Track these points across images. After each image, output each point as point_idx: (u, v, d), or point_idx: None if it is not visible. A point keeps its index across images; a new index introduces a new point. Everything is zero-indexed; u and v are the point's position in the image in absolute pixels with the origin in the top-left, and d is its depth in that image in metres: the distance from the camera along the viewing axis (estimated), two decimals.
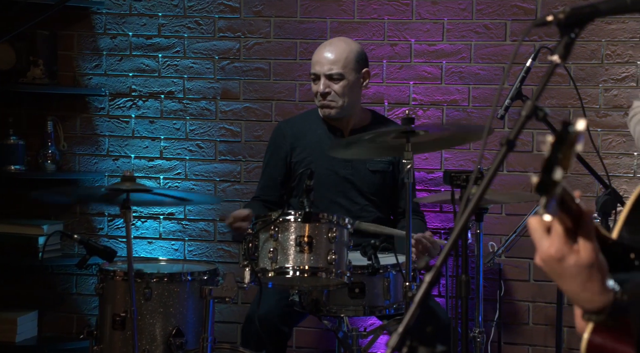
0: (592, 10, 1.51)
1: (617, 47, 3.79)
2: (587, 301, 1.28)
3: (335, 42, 3.44)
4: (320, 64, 3.38)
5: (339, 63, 3.36)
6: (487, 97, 3.91)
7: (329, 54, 3.37)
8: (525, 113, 1.51)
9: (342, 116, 3.41)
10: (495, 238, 3.78)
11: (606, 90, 3.80)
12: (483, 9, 3.90)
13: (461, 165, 3.90)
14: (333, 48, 3.39)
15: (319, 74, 3.38)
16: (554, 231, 1.27)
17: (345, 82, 3.37)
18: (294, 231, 2.76)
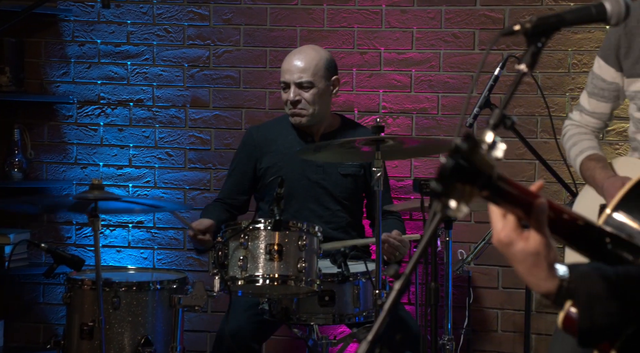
0: (558, 19, 1.52)
1: (583, 56, 3.84)
2: (534, 285, 1.35)
3: (305, 50, 3.45)
4: (289, 73, 3.38)
5: (308, 71, 3.37)
6: (456, 105, 3.93)
7: (298, 63, 3.38)
8: (493, 121, 1.52)
9: (312, 123, 3.42)
10: (464, 245, 3.80)
11: (573, 99, 3.84)
12: (452, 18, 3.93)
13: (431, 173, 3.92)
14: (302, 56, 3.40)
15: (288, 83, 3.38)
16: (508, 217, 1.34)
17: (315, 90, 3.37)
18: (264, 240, 2.75)
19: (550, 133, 3.59)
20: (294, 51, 3.46)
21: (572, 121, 2.83)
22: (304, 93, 3.36)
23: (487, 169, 1.28)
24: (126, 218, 4.12)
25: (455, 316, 3.80)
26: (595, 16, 1.54)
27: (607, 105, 2.73)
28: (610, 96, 2.71)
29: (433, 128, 3.95)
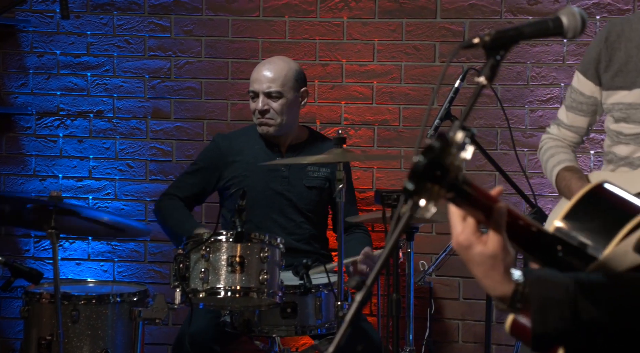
0: (517, 33, 1.55)
1: (541, 69, 3.89)
2: (490, 288, 1.37)
3: (274, 61, 3.45)
4: (259, 82, 3.38)
5: (277, 81, 3.37)
6: (418, 117, 3.96)
7: (268, 73, 3.38)
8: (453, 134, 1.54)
9: (280, 134, 3.42)
10: (425, 256, 3.82)
11: (532, 111, 3.89)
12: (412, 31, 3.96)
13: (392, 184, 3.94)
14: (272, 66, 3.40)
15: (257, 92, 3.38)
16: (467, 220, 1.37)
17: (284, 101, 3.38)
18: (226, 251, 2.74)
19: (510, 145, 3.63)
20: (264, 61, 3.47)
21: (549, 135, 2.88)
22: (272, 103, 3.36)
23: (455, 170, 1.29)
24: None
25: (417, 327, 3.81)
26: (553, 30, 1.57)
27: (585, 119, 2.78)
28: (588, 110, 2.76)
29: (395, 140, 3.98)
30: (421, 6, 3.94)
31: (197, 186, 3.46)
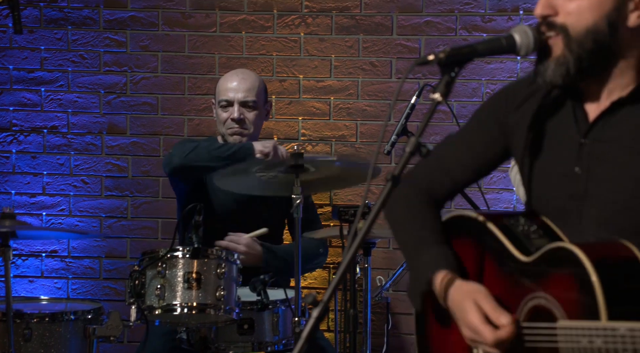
0: (471, 50, 1.57)
1: (496, 86, 3.94)
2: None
3: (245, 71, 3.45)
4: (234, 91, 3.35)
5: (253, 91, 3.36)
6: (375, 132, 3.98)
7: (243, 82, 3.37)
8: (409, 149, 1.55)
9: None
10: (382, 272, 3.83)
11: None
12: (369, 47, 3.99)
13: (350, 200, 3.95)
14: (246, 76, 3.39)
15: (232, 100, 3.35)
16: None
17: (257, 112, 3.37)
18: (182, 268, 2.72)
19: None
20: (232, 72, 3.44)
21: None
22: (247, 113, 3.35)
23: None
24: (39, 247, 4.02)
25: (374, 342, 3.82)
26: (506, 47, 1.59)
27: None
28: None
29: (352, 156, 3.99)
30: (377, 23, 3.98)
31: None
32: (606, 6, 1.54)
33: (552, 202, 1.63)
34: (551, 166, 1.64)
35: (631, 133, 1.57)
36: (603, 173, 1.58)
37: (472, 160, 1.77)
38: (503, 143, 1.74)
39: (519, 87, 1.75)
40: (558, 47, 1.57)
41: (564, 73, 1.57)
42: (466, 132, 1.80)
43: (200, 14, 4.04)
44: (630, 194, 1.55)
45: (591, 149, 1.59)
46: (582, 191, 1.59)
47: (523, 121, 1.71)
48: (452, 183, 1.79)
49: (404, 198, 1.78)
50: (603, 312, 1.40)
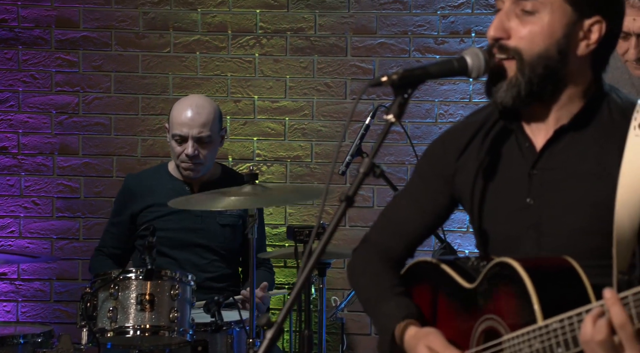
0: (423, 72, 1.58)
1: (449, 107, 3.99)
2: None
3: (199, 103, 3.35)
4: (188, 126, 3.29)
5: (208, 125, 3.30)
6: (330, 153, 3.99)
7: (197, 116, 3.29)
8: (363, 170, 1.56)
9: (201, 175, 3.39)
10: (337, 292, 3.83)
11: None
12: (324, 68, 4.01)
13: (305, 220, 3.95)
14: (200, 109, 3.31)
15: (186, 136, 3.30)
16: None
17: (213, 145, 3.35)
18: (135, 289, 2.69)
19: None
20: (187, 103, 3.35)
21: None
22: (201, 148, 3.30)
23: None
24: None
25: None
26: (458, 69, 1.61)
27: None
28: None
29: (307, 176, 4.00)
30: (332, 44, 4.00)
31: (119, 234, 3.42)
32: (557, 33, 1.56)
33: (508, 237, 1.64)
34: (503, 202, 1.65)
35: (576, 159, 1.59)
36: (554, 201, 1.60)
37: (420, 217, 1.79)
38: (449, 194, 1.75)
39: (456, 133, 1.77)
40: (511, 69, 1.60)
41: (515, 95, 1.59)
42: (411, 189, 1.81)
43: (153, 34, 4.02)
44: (583, 220, 1.57)
45: (541, 179, 1.61)
46: (536, 221, 1.61)
47: (466, 165, 1.72)
48: (405, 242, 1.80)
49: (363, 262, 1.81)
50: (539, 315, 1.43)
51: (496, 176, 1.67)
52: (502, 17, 1.60)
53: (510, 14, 1.59)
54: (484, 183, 1.68)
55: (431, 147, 1.81)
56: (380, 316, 1.71)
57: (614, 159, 1.55)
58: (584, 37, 1.59)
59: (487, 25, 3.99)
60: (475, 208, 1.70)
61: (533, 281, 1.45)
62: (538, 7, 1.57)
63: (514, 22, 1.59)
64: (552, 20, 1.56)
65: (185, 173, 3.36)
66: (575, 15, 1.57)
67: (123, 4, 4.01)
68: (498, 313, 1.53)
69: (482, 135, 1.71)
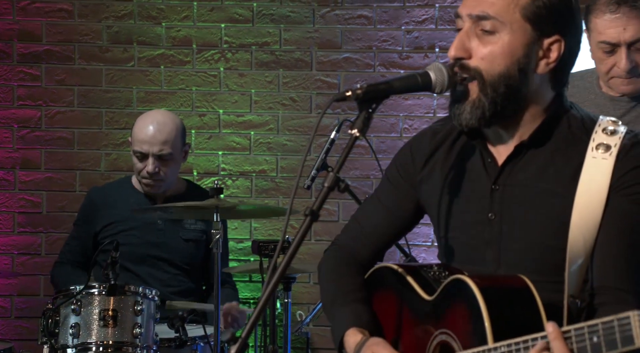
0: (387, 87, 1.59)
1: (413, 122, 4.01)
2: None
3: (161, 119, 3.34)
4: (149, 144, 3.29)
5: (169, 143, 3.30)
6: (295, 167, 4.00)
7: (158, 133, 3.29)
8: (327, 185, 1.56)
9: (163, 190, 3.38)
10: (303, 307, 3.83)
11: None
12: (289, 82, 4.02)
13: (270, 234, 3.94)
14: (162, 127, 3.30)
15: (147, 153, 3.30)
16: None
17: (174, 162, 3.34)
18: (98, 305, 2.67)
19: None
20: (149, 119, 3.35)
21: None
22: (162, 165, 3.30)
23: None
24: None
25: None
26: (421, 84, 1.62)
27: None
28: None
29: (272, 190, 3.99)
30: (297, 58, 4.01)
31: (82, 246, 3.39)
32: (517, 53, 1.58)
33: (470, 249, 1.66)
34: (466, 215, 1.67)
35: (535, 175, 1.61)
36: (514, 217, 1.61)
37: (388, 221, 1.80)
38: (415, 199, 1.77)
39: (423, 140, 1.78)
40: (474, 91, 1.61)
41: (480, 116, 1.60)
42: (380, 193, 1.83)
43: (117, 48, 4.00)
44: (541, 236, 1.59)
45: (502, 194, 1.63)
46: (496, 236, 1.63)
47: (432, 174, 1.74)
48: (373, 246, 1.82)
49: (329, 264, 1.83)
50: (489, 337, 1.45)
51: (460, 189, 1.68)
52: (462, 37, 1.61)
53: (470, 34, 1.61)
54: (448, 195, 1.70)
55: (400, 153, 1.83)
56: (334, 321, 1.72)
57: (571, 176, 1.57)
58: (544, 56, 1.60)
59: (451, 41, 4.01)
60: (439, 219, 1.72)
61: (486, 302, 1.46)
62: (498, 27, 1.58)
63: (474, 42, 1.60)
64: (512, 39, 1.58)
65: (146, 189, 3.36)
66: (535, 34, 1.58)
67: (86, 18, 3.99)
68: (452, 329, 1.54)
69: (448, 145, 1.73)
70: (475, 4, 1.60)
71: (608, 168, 1.54)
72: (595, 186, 1.54)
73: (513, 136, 1.64)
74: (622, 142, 1.56)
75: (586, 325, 1.33)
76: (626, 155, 1.55)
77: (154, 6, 4.01)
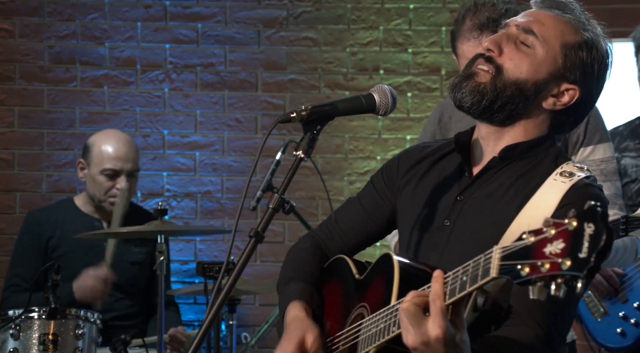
0: (332, 109, 1.61)
1: (359, 143, 4.04)
2: None
3: (125, 137, 3.38)
4: (123, 161, 3.29)
5: (137, 159, 3.36)
6: (241, 188, 3.98)
7: (130, 151, 3.32)
8: (272, 206, 1.56)
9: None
10: (248, 329, 3.80)
11: (350, 183, 4.01)
12: (234, 103, 4.01)
13: (215, 256, 3.91)
14: (130, 144, 3.35)
15: (120, 171, 3.29)
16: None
17: (136, 179, 3.38)
18: (38, 329, 2.62)
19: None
20: (114, 138, 3.36)
21: None
22: (131, 182, 3.33)
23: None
24: None
25: None
26: (365, 106, 1.64)
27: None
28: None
29: (218, 211, 3.97)
30: (242, 79, 4.01)
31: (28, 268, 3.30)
32: (540, 73, 1.65)
33: (419, 253, 1.69)
34: (427, 223, 1.72)
35: (498, 190, 1.66)
36: (465, 225, 1.66)
37: (363, 222, 1.84)
38: (393, 205, 1.81)
39: (412, 150, 1.84)
40: (484, 77, 1.66)
41: (477, 101, 1.65)
42: (362, 195, 1.88)
43: (59, 68, 3.95)
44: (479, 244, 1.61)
45: (463, 205, 1.68)
46: (444, 241, 1.67)
47: (410, 183, 1.78)
48: (344, 242, 1.85)
49: (297, 249, 1.86)
50: (394, 297, 1.50)
51: (431, 199, 1.72)
52: (502, 36, 1.68)
53: (510, 38, 1.67)
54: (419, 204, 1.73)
55: (389, 160, 1.87)
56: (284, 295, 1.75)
57: (528, 195, 1.60)
58: (556, 95, 1.67)
59: (395, 63, 4.08)
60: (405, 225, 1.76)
61: (401, 271, 1.52)
62: (537, 45, 1.65)
63: (510, 46, 1.67)
64: (543, 60, 1.65)
65: (112, 208, 3.32)
66: (561, 72, 1.66)
67: (27, 37, 3.94)
68: (368, 301, 1.60)
69: (434, 159, 1.77)
70: (529, 22, 1.68)
71: (562, 190, 1.59)
72: (544, 203, 1.58)
73: (494, 152, 1.68)
74: (583, 177, 1.61)
75: (462, 266, 1.39)
76: (578, 187, 1.60)
77: (97, 26, 3.97)
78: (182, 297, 3.79)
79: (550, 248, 1.19)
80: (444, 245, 1.66)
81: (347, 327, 1.63)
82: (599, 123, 2.37)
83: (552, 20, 1.66)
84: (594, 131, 2.34)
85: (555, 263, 1.17)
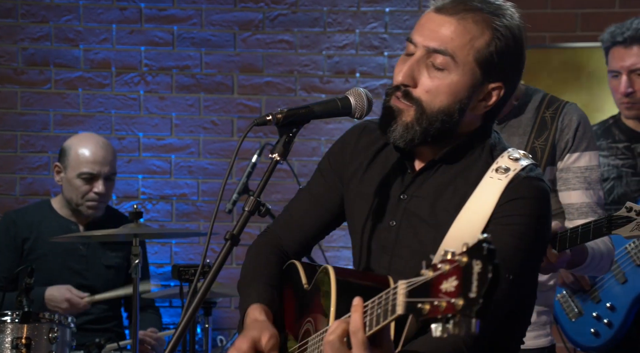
0: (308, 111, 1.61)
1: None
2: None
3: (102, 141, 3.36)
4: (101, 165, 3.28)
5: (114, 163, 3.35)
6: (217, 191, 3.98)
7: (107, 154, 3.31)
8: (247, 208, 1.56)
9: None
10: (224, 332, 3.79)
11: None
12: (210, 106, 4.01)
13: (191, 259, 3.90)
14: (107, 147, 3.33)
15: (97, 175, 3.28)
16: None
17: (113, 182, 3.36)
18: (11, 333, 2.60)
19: None
20: (91, 141, 3.34)
21: None
22: (108, 185, 3.32)
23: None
24: None
25: None
26: (341, 109, 1.64)
27: None
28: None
29: (193, 214, 3.96)
30: (218, 82, 4.01)
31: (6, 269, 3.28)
32: (460, 94, 1.61)
33: (370, 254, 1.70)
34: (374, 221, 1.71)
35: (437, 190, 1.66)
36: (410, 226, 1.66)
37: (317, 212, 1.82)
38: (341, 193, 1.80)
39: (354, 135, 1.82)
40: (409, 115, 1.62)
41: (409, 140, 1.63)
42: (312, 184, 1.87)
43: (33, 71, 3.93)
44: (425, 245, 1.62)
45: (407, 205, 1.67)
46: (392, 243, 1.67)
47: (357, 174, 1.77)
48: (302, 236, 1.83)
49: (256, 251, 1.84)
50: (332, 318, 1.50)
51: (377, 195, 1.71)
52: (413, 65, 1.62)
53: (420, 63, 1.62)
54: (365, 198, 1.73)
55: (333, 145, 1.86)
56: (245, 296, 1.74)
57: (466, 194, 1.61)
58: (484, 99, 1.64)
59: (371, 66, 4.09)
60: (353, 221, 1.75)
61: (338, 289, 1.52)
62: (449, 64, 1.60)
63: (423, 72, 1.62)
64: (460, 81, 1.61)
65: (89, 212, 3.31)
66: (482, 78, 1.62)
67: (0, 39, 3.91)
68: (312, 316, 1.60)
69: (377, 147, 1.76)
70: (433, 36, 1.62)
71: (499, 189, 1.58)
72: (482, 204, 1.58)
73: (434, 153, 1.68)
74: (519, 170, 1.60)
75: (377, 297, 1.38)
76: (515, 183, 1.59)
77: (72, 28, 3.95)
78: (158, 300, 3.77)
79: (446, 286, 1.18)
80: (392, 247, 1.66)
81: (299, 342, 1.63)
82: (587, 131, 2.39)
83: (456, 27, 1.60)
84: (581, 138, 2.36)
85: (449, 303, 1.16)
